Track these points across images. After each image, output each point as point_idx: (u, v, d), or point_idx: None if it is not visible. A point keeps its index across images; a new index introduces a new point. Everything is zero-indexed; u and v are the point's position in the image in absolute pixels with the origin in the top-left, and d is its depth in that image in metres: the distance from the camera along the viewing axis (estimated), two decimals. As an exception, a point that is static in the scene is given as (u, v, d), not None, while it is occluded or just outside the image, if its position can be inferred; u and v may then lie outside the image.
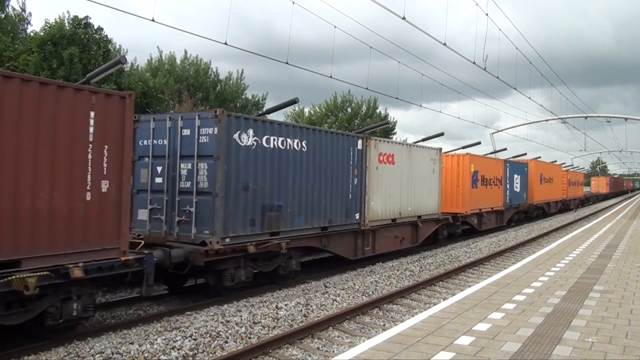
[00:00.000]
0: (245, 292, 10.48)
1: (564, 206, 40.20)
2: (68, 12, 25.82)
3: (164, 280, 10.17)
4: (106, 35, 25.03)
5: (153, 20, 9.96)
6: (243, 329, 7.69)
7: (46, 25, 23.45)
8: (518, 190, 26.63)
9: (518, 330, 5.77)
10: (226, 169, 9.49)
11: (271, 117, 12.37)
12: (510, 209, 25.68)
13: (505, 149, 30.03)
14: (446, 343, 5.27)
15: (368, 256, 14.05)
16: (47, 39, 22.69)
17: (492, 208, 22.96)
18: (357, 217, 13.29)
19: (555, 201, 36.19)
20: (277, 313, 8.54)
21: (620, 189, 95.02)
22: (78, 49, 22.67)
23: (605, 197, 72.18)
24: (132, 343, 6.95)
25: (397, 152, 15.09)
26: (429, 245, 17.92)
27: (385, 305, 9.70)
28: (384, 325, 8.44)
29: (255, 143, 10.11)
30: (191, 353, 6.73)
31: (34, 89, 6.64)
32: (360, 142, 13.42)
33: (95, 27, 24.21)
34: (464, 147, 23.29)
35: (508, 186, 24.93)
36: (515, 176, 26.25)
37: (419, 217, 16.30)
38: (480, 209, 21.49)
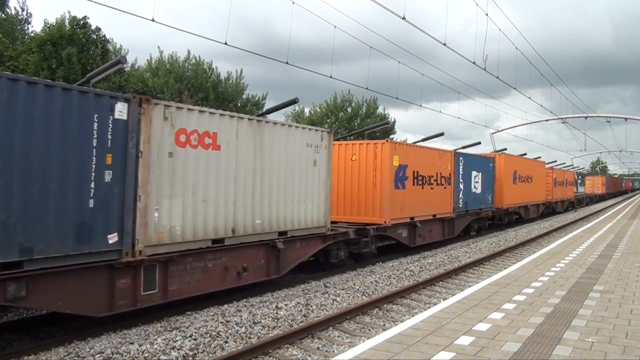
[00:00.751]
0: (245, 292, 10.49)
1: (548, 210, 35.20)
2: (68, 12, 25.84)
3: None
4: (104, 35, 25.12)
5: (153, 20, 9.96)
6: (243, 329, 7.70)
7: (46, 26, 23.53)
8: (478, 191, 21.04)
9: (518, 330, 5.77)
10: None
11: (271, 117, 12.27)
12: (464, 215, 19.92)
13: (505, 149, 29.68)
14: (446, 343, 5.27)
15: (148, 306, 8.23)
16: (46, 39, 22.75)
17: (434, 215, 17.25)
18: (111, 241, 7.60)
19: (536, 204, 30.48)
20: (277, 313, 8.55)
21: (618, 189, 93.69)
22: (77, 48, 22.73)
23: (601, 198, 69.30)
24: (132, 343, 6.96)
25: (225, 130, 9.42)
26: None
27: (385, 305, 9.70)
28: (384, 325, 8.45)
29: None
30: (191, 353, 6.73)
31: None
32: (122, 106, 7.68)
33: (93, 27, 24.29)
34: (464, 147, 23.24)
35: (462, 186, 19.48)
36: (474, 173, 20.70)
37: (283, 233, 10.83)
38: (412, 217, 15.86)
